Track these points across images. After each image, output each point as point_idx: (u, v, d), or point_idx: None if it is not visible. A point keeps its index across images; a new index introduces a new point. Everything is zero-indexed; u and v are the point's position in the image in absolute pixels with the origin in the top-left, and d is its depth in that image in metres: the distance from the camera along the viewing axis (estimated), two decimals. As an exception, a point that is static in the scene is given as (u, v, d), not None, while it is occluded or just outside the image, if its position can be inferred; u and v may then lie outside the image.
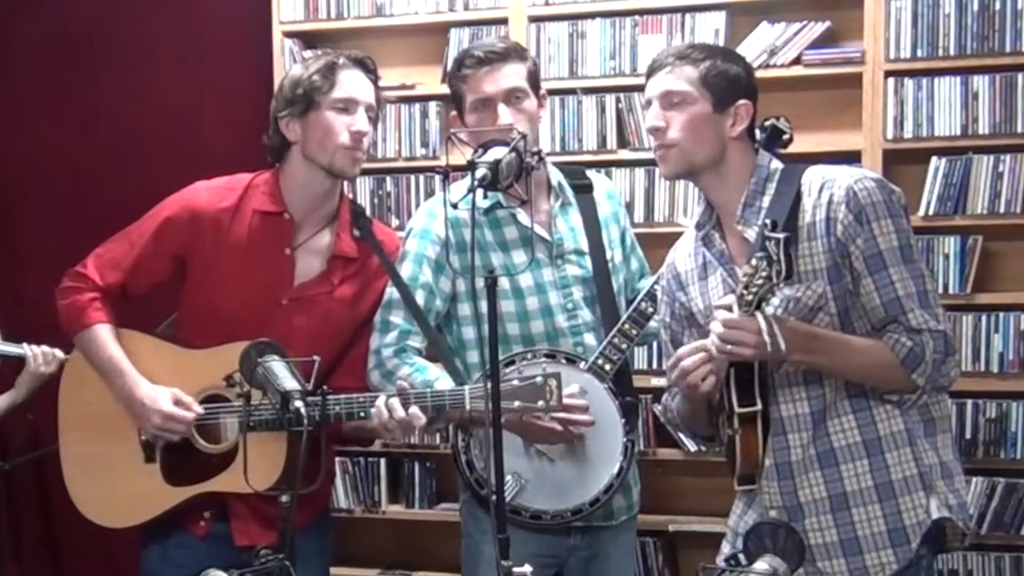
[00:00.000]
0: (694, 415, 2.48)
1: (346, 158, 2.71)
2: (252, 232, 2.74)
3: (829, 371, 2.34)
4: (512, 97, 2.73)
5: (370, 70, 2.76)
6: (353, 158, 2.72)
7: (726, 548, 2.51)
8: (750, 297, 2.14)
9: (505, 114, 2.69)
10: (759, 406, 2.28)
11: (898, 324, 2.29)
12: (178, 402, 2.67)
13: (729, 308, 2.20)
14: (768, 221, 2.15)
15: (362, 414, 2.60)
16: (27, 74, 4.40)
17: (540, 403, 2.49)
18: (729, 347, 2.21)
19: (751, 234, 2.36)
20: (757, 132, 2.56)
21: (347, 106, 2.70)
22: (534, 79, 2.79)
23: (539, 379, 2.49)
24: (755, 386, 2.28)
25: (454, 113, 2.84)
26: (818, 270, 2.32)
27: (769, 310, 2.19)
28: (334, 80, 2.69)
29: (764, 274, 2.10)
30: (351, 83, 2.71)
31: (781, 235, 2.09)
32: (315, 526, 2.82)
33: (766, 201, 2.38)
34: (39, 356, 3.29)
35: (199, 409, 2.67)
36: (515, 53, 2.77)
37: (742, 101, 2.40)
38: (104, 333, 2.75)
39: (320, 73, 2.68)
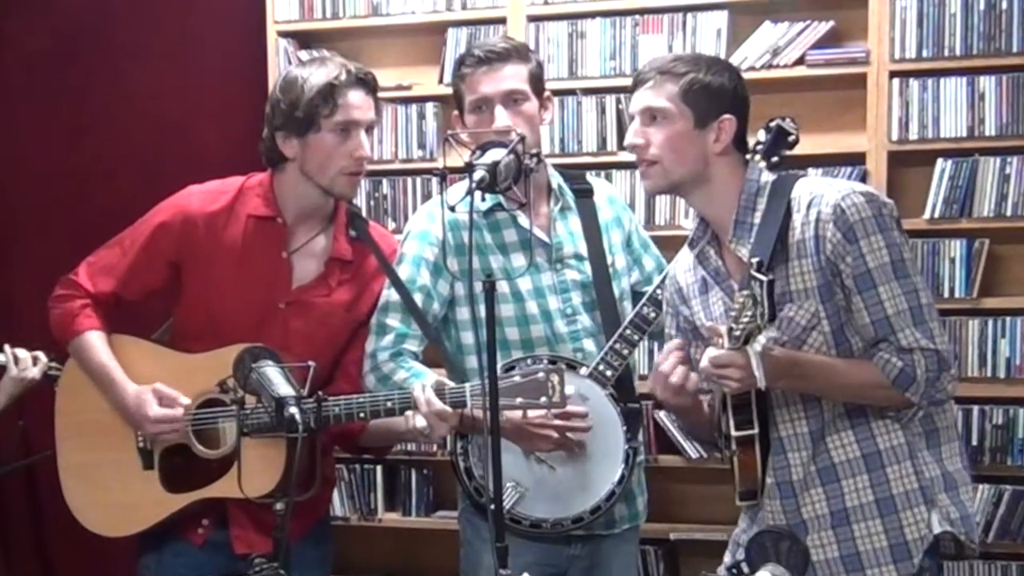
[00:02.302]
0: (692, 427, 2.48)
1: (346, 182, 2.67)
2: (247, 236, 2.71)
3: (816, 394, 2.32)
4: (510, 99, 2.67)
5: (371, 87, 2.69)
6: (353, 182, 2.69)
7: (728, 559, 2.49)
8: (738, 332, 2.12)
9: (502, 116, 2.64)
10: (756, 429, 2.28)
11: (889, 343, 2.25)
12: (161, 398, 2.63)
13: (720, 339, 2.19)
14: (754, 261, 2.14)
15: (361, 415, 2.56)
16: (18, 75, 4.35)
17: (542, 399, 2.45)
18: (717, 382, 2.22)
19: (744, 252, 2.32)
20: (762, 133, 2.53)
21: (348, 127, 2.63)
22: (537, 81, 2.73)
23: (541, 375, 2.45)
24: (752, 409, 2.27)
25: (456, 113, 2.79)
26: (810, 288, 2.28)
27: (762, 339, 2.15)
28: (335, 103, 2.60)
29: (750, 313, 2.08)
30: (353, 105, 2.63)
31: (765, 278, 2.07)
32: (314, 534, 2.79)
33: (757, 217, 2.33)
34: (19, 360, 3.13)
35: (184, 400, 2.64)
36: (516, 54, 2.71)
37: (726, 116, 2.34)
38: (95, 340, 2.72)
39: (321, 94, 2.60)
